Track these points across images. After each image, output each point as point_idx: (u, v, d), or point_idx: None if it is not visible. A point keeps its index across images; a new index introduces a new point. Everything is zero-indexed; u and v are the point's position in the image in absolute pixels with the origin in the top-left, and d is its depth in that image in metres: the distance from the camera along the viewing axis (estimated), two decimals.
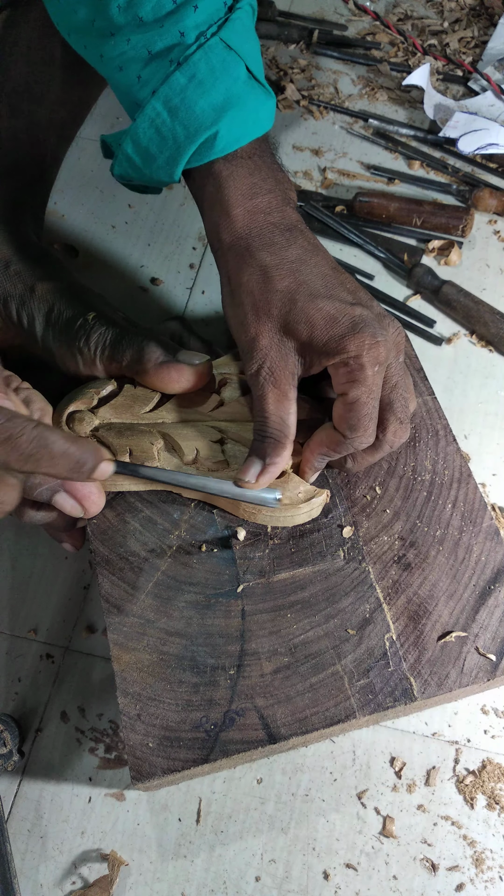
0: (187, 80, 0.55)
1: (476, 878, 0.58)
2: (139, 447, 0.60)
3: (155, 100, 0.56)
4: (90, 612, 0.69)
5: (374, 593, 0.58)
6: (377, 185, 0.96)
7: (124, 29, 0.56)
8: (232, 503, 0.59)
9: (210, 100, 0.55)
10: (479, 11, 1.14)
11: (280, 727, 0.53)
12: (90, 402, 0.62)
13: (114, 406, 0.62)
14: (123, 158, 0.60)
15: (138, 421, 0.61)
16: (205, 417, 0.62)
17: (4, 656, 0.67)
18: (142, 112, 0.56)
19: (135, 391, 0.62)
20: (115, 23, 0.56)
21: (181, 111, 0.56)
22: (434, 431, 0.65)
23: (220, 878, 0.58)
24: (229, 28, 0.55)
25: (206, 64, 0.55)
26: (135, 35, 0.56)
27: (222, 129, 0.55)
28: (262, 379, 0.56)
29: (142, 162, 0.59)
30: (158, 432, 0.61)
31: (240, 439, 0.61)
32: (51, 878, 0.59)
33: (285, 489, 0.58)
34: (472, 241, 0.91)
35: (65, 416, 0.61)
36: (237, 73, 0.56)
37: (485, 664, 0.55)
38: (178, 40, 0.55)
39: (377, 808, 0.60)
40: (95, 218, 0.93)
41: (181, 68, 0.55)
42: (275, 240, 0.57)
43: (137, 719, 0.54)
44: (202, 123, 0.55)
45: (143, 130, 0.57)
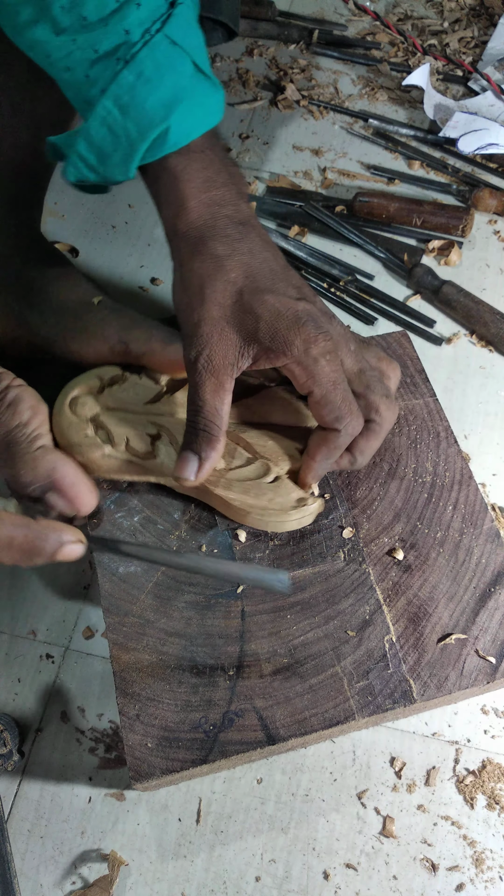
0: (135, 77, 0.55)
1: (476, 878, 0.58)
2: (136, 437, 0.60)
3: (105, 98, 0.56)
4: (90, 612, 0.69)
5: (375, 595, 0.58)
6: (377, 185, 0.96)
7: (69, 29, 0.56)
8: (223, 503, 0.59)
9: (159, 96, 0.55)
10: (479, 11, 1.14)
11: (279, 728, 0.53)
12: (94, 388, 0.63)
13: (116, 394, 0.63)
14: (77, 159, 0.59)
15: (140, 411, 0.62)
16: None
17: (4, 656, 0.67)
18: (93, 111, 0.57)
19: (139, 381, 0.63)
20: (60, 23, 0.56)
21: (132, 109, 0.56)
22: (435, 433, 0.65)
23: (220, 878, 0.58)
24: (172, 24, 0.56)
25: (153, 61, 0.55)
26: (80, 35, 0.56)
27: (173, 123, 0.56)
28: (200, 366, 0.56)
29: (97, 161, 0.59)
30: (157, 424, 0.61)
31: (237, 440, 0.61)
32: (51, 878, 0.59)
33: (277, 494, 0.58)
34: (472, 241, 0.91)
35: (68, 399, 0.62)
36: (183, 67, 0.56)
37: (484, 666, 0.55)
38: (124, 38, 0.55)
39: (377, 808, 0.61)
40: (95, 218, 0.93)
41: (128, 66, 0.55)
42: (228, 232, 0.58)
43: (136, 719, 0.54)
44: (153, 119, 0.56)
45: (95, 130, 0.57)
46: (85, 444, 0.59)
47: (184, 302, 0.58)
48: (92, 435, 0.60)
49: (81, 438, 0.60)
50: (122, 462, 0.60)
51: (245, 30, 1.10)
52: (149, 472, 0.60)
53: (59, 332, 0.62)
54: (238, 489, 0.58)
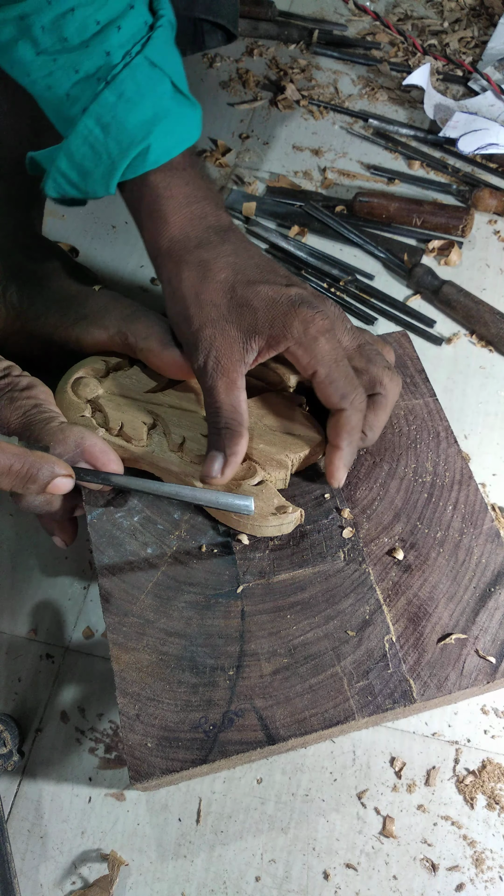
0: (116, 97, 0.57)
1: (476, 878, 0.58)
2: (131, 424, 0.61)
3: (87, 117, 0.57)
4: (90, 612, 0.69)
5: (374, 595, 0.58)
6: (377, 185, 0.96)
7: (49, 49, 0.57)
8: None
9: (140, 115, 0.57)
10: (479, 11, 1.14)
11: (279, 728, 0.53)
12: (99, 372, 0.64)
13: (120, 380, 0.64)
14: (57, 174, 0.61)
15: (139, 399, 0.63)
16: (202, 410, 0.62)
17: (4, 656, 0.67)
18: (74, 129, 0.58)
19: (143, 371, 0.64)
20: (40, 44, 0.57)
21: (113, 128, 0.57)
22: (435, 433, 0.65)
23: (220, 878, 0.58)
24: (152, 46, 0.57)
25: (133, 81, 0.57)
26: (61, 56, 0.57)
27: (153, 142, 0.58)
28: (210, 369, 0.57)
29: (78, 177, 0.60)
30: (153, 413, 0.62)
31: None
32: (51, 878, 0.59)
33: (258, 498, 0.58)
34: (472, 241, 0.91)
35: (72, 379, 0.63)
36: (163, 88, 0.58)
37: (485, 666, 0.55)
38: (105, 60, 0.57)
39: (377, 808, 0.61)
40: (95, 218, 0.93)
41: (109, 86, 0.57)
42: (210, 238, 0.60)
43: (136, 719, 0.54)
44: (134, 138, 0.57)
45: (76, 147, 0.59)
46: (80, 424, 0.60)
47: (179, 313, 0.59)
48: (88, 416, 0.62)
49: (78, 418, 0.61)
50: (113, 446, 0.61)
51: (245, 30, 1.10)
52: (138, 458, 0.61)
53: (59, 321, 0.63)
54: (220, 487, 0.59)
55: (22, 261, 0.65)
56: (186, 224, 0.60)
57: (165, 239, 0.60)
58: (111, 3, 0.57)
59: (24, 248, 0.66)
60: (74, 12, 0.56)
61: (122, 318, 0.62)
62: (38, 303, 0.63)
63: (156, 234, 0.61)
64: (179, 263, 0.59)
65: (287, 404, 0.63)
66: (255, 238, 0.91)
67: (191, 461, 0.60)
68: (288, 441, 0.62)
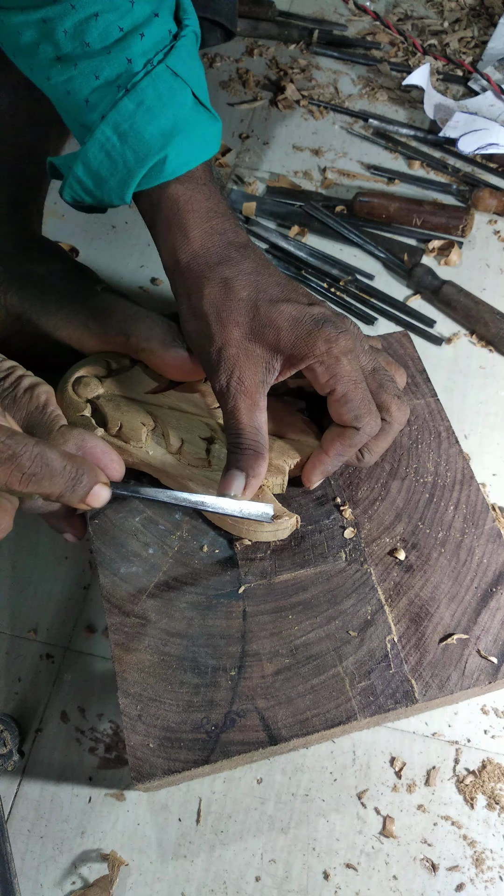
0: (135, 106, 0.56)
1: (476, 878, 0.58)
2: (130, 425, 0.61)
3: (104, 125, 0.57)
4: (90, 612, 0.69)
5: (376, 595, 0.58)
6: (377, 185, 0.96)
7: (71, 55, 0.57)
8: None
9: (158, 125, 0.56)
10: (479, 11, 1.14)
11: (281, 728, 0.53)
12: (100, 372, 0.64)
13: (121, 380, 0.64)
14: (74, 181, 0.60)
15: (139, 400, 0.63)
16: (203, 413, 0.62)
17: (4, 656, 0.67)
18: (92, 136, 0.57)
19: (144, 371, 0.64)
20: (62, 48, 0.57)
21: (130, 137, 0.57)
22: (436, 433, 0.65)
23: (220, 878, 0.58)
24: (175, 55, 0.57)
25: (154, 90, 0.56)
26: (82, 61, 0.56)
27: (171, 153, 0.57)
28: (234, 390, 0.57)
29: (93, 185, 0.60)
30: (152, 415, 0.62)
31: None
32: (51, 878, 0.59)
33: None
34: (472, 241, 0.91)
35: (72, 378, 0.62)
36: (184, 99, 0.57)
37: (486, 667, 0.55)
38: (126, 67, 0.56)
39: (377, 808, 0.61)
40: (95, 218, 0.93)
41: (129, 95, 0.56)
42: (231, 255, 0.59)
43: (138, 720, 0.54)
44: (151, 148, 0.57)
45: (93, 154, 0.58)
46: (79, 424, 0.61)
47: (199, 331, 0.59)
48: (88, 416, 0.62)
49: (77, 418, 0.61)
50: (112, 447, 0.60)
51: (245, 30, 1.10)
52: (136, 459, 0.61)
53: (61, 322, 0.63)
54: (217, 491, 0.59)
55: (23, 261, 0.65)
56: (207, 239, 0.59)
57: (186, 253, 0.59)
58: (136, 10, 0.56)
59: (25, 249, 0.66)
60: (98, 18, 0.55)
61: (123, 319, 0.62)
62: (40, 303, 0.63)
63: (175, 248, 0.60)
64: (200, 280, 0.58)
65: (287, 409, 0.63)
66: (256, 238, 0.91)
67: (188, 464, 0.60)
68: (286, 446, 0.62)
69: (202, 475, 0.60)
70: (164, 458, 0.60)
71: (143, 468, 0.62)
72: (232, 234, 0.61)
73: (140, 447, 0.61)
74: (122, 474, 0.58)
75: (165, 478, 0.61)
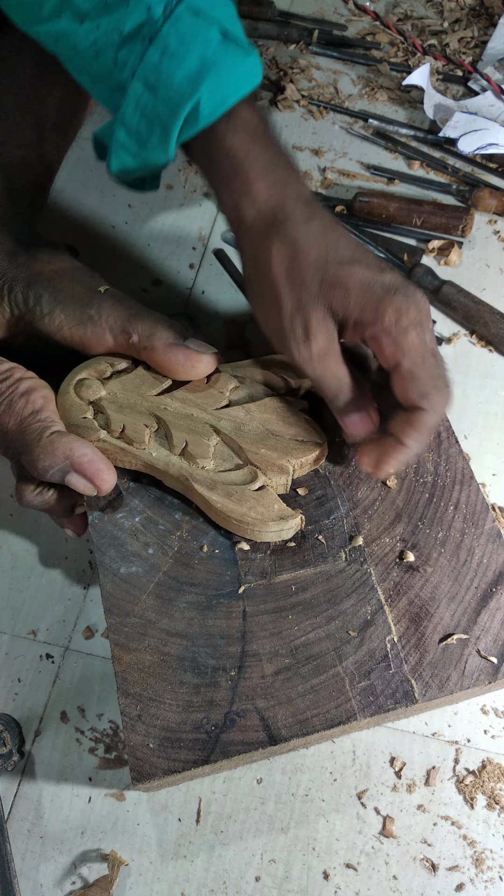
0: (160, 54, 0.54)
1: (476, 878, 0.58)
2: (133, 426, 0.61)
3: (135, 81, 0.55)
4: (90, 612, 0.69)
5: (376, 595, 0.58)
6: (377, 185, 0.96)
7: (91, 13, 0.55)
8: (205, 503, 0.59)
9: (186, 70, 0.55)
10: (479, 11, 1.14)
11: (281, 729, 0.53)
12: (102, 373, 0.64)
13: (123, 382, 0.63)
14: (119, 148, 0.59)
15: (142, 401, 0.62)
16: (206, 414, 0.62)
17: (4, 656, 0.67)
18: (126, 96, 0.56)
19: (146, 372, 0.64)
20: (81, 9, 0.56)
21: (160, 88, 0.55)
22: (436, 433, 0.65)
23: (220, 878, 0.58)
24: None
25: (177, 34, 0.54)
26: (103, 18, 0.55)
27: (203, 95, 0.55)
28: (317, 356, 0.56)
29: (137, 147, 0.59)
30: (156, 416, 0.62)
31: (231, 443, 0.61)
32: (51, 878, 0.59)
33: (258, 503, 0.58)
34: (472, 241, 0.91)
35: (74, 380, 0.63)
36: (209, 37, 0.55)
37: (486, 667, 0.55)
38: (146, 16, 0.54)
39: (377, 808, 0.61)
40: (95, 218, 0.93)
41: (153, 44, 0.54)
42: (298, 213, 0.57)
43: (138, 720, 0.54)
44: (182, 95, 0.55)
45: (129, 114, 0.57)
46: (81, 426, 0.60)
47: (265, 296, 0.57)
48: (90, 418, 0.61)
49: (79, 420, 0.61)
50: (114, 448, 0.60)
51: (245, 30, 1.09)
52: (140, 461, 0.61)
53: (64, 321, 0.63)
54: (221, 492, 0.59)
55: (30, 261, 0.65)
56: (270, 195, 0.57)
57: (250, 209, 0.57)
58: None
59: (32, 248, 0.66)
60: None
61: (127, 318, 0.62)
62: (43, 303, 0.63)
63: (239, 204, 0.58)
64: (268, 241, 0.56)
65: (290, 409, 0.63)
66: None
67: (192, 465, 0.60)
68: (290, 446, 0.61)
69: (207, 476, 0.59)
70: (167, 460, 0.60)
71: (147, 470, 0.62)
72: (297, 188, 0.58)
73: (143, 449, 0.61)
74: (110, 485, 0.58)
75: (168, 479, 0.61)
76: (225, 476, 0.60)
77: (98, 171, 0.96)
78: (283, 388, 0.64)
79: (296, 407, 0.64)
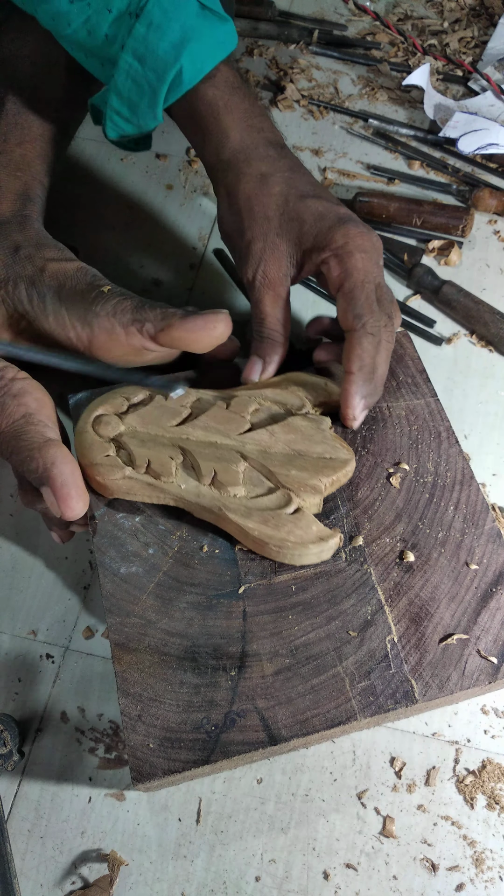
0: (146, 28, 0.61)
1: (476, 878, 0.58)
2: (158, 460, 0.59)
3: (125, 53, 0.62)
4: (90, 612, 0.69)
5: (376, 595, 0.58)
6: (377, 185, 0.96)
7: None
8: (241, 531, 0.58)
9: (169, 40, 0.61)
10: (479, 11, 1.14)
11: (281, 729, 0.53)
12: (119, 408, 0.63)
13: (141, 415, 0.62)
14: (112, 113, 0.66)
15: (163, 433, 0.61)
16: (231, 440, 0.61)
17: (4, 656, 0.67)
18: (117, 67, 0.62)
19: (164, 402, 0.62)
20: None
21: (148, 57, 0.61)
22: (436, 433, 0.65)
23: (220, 878, 0.58)
24: None
25: (160, 8, 0.60)
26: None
27: (185, 62, 0.61)
28: (258, 283, 0.63)
29: (128, 112, 0.65)
30: (180, 448, 0.60)
31: (260, 468, 0.60)
32: (51, 878, 0.59)
33: (296, 527, 0.57)
34: (472, 241, 0.91)
35: (91, 417, 0.62)
36: (189, 8, 0.61)
37: (486, 667, 0.55)
38: None
39: (377, 808, 0.61)
40: (95, 218, 0.93)
41: (140, 19, 0.61)
42: (269, 153, 0.64)
43: (138, 720, 0.54)
44: (167, 63, 0.61)
45: (122, 83, 0.63)
46: (105, 465, 0.59)
47: (235, 224, 0.64)
48: (113, 455, 0.60)
49: (102, 459, 0.60)
50: (142, 484, 0.60)
51: (245, 30, 1.10)
52: (167, 494, 0.60)
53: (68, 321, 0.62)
54: (257, 518, 0.58)
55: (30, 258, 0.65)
56: (246, 137, 0.64)
57: (227, 151, 0.64)
58: None
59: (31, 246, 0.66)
60: None
61: (133, 309, 0.61)
62: (48, 301, 0.63)
63: (217, 147, 0.65)
64: (239, 175, 0.63)
65: (314, 427, 0.62)
66: None
67: (223, 494, 0.59)
68: (319, 465, 0.60)
69: (240, 504, 0.58)
70: (197, 491, 0.59)
71: (177, 503, 0.60)
72: (270, 134, 0.66)
73: (171, 482, 0.59)
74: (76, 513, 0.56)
75: (200, 510, 0.60)
76: (259, 502, 0.59)
77: (99, 171, 0.96)
78: (301, 407, 0.63)
79: (319, 424, 0.62)
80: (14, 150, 0.72)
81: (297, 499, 0.59)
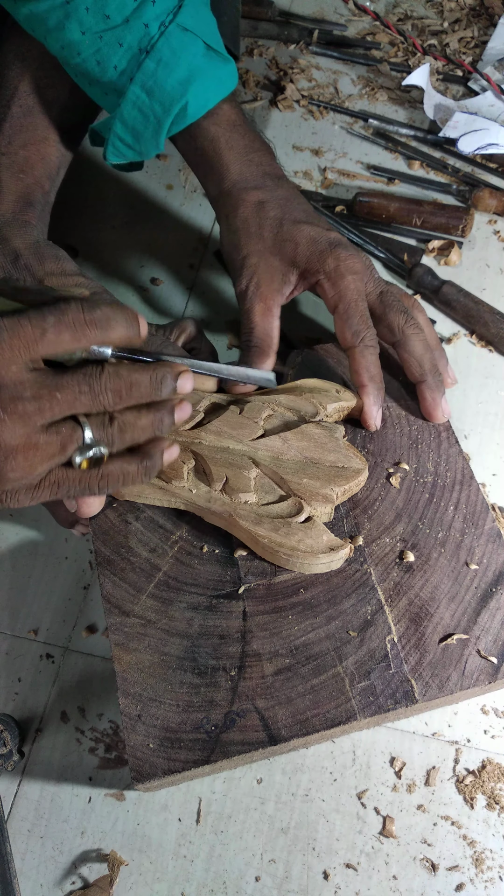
0: (156, 64, 0.65)
1: (476, 878, 0.58)
2: (170, 464, 0.59)
3: (134, 85, 0.66)
4: (90, 612, 0.69)
5: (376, 595, 0.58)
6: (377, 185, 0.96)
7: (94, 27, 0.65)
8: (251, 538, 0.58)
9: (176, 77, 0.65)
10: (479, 11, 1.14)
11: (281, 729, 0.53)
12: None
13: None
14: (115, 139, 0.70)
15: (175, 436, 0.61)
16: (243, 446, 0.61)
17: (4, 656, 0.67)
18: (125, 97, 0.66)
19: None
20: (85, 23, 0.65)
21: (155, 91, 0.66)
22: (437, 433, 0.65)
23: (220, 878, 0.58)
24: (184, 13, 0.65)
25: (169, 48, 0.65)
26: (106, 33, 0.65)
27: (190, 98, 0.66)
28: (250, 294, 0.66)
29: (132, 139, 0.69)
30: (192, 452, 0.60)
31: (272, 475, 0.60)
32: (51, 878, 0.59)
33: (307, 536, 0.57)
34: (472, 241, 0.91)
35: None
36: (195, 49, 0.66)
37: (486, 667, 0.55)
38: (144, 31, 0.65)
39: (377, 808, 0.61)
40: (95, 218, 0.93)
41: (150, 55, 0.65)
42: (266, 183, 0.69)
43: (138, 720, 0.54)
44: (174, 98, 0.66)
45: (128, 112, 0.67)
46: None
47: (232, 242, 0.68)
48: None
49: None
50: (153, 488, 0.60)
51: (245, 30, 1.10)
52: (178, 498, 0.60)
53: None
54: (268, 526, 0.57)
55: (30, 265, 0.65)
56: (246, 170, 0.69)
57: (228, 182, 0.69)
58: None
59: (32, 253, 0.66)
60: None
61: None
62: None
63: (219, 179, 0.69)
64: (238, 201, 0.68)
65: (327, 435, 0.61)
66: None
67: (234, 500, 0.59)
68: (332, 474, 0.60)
69: (251, 511, 0.58)
70: (209, 496, 0.59)
71: (187, 508, 0.60)
72: (268, 167, 0.70)
73: (182, 486, 0.59)
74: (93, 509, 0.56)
75: (210, 515, 0.59)
76: (270, 509, 0.58)
77: (99, 172, 0.96)
78: (315, 414, 0.63)
79: (333, 432, 0.62)
80: (18, 151, 0.72)
81: (309, 507, 0.58)
